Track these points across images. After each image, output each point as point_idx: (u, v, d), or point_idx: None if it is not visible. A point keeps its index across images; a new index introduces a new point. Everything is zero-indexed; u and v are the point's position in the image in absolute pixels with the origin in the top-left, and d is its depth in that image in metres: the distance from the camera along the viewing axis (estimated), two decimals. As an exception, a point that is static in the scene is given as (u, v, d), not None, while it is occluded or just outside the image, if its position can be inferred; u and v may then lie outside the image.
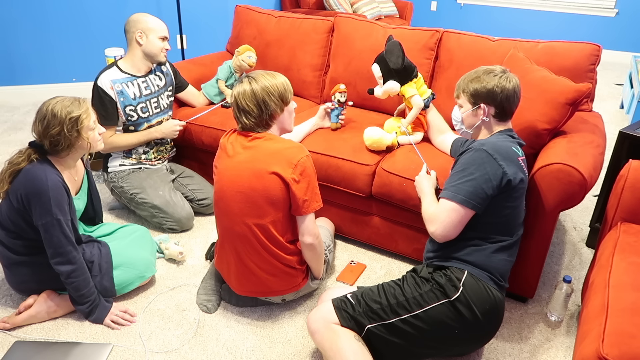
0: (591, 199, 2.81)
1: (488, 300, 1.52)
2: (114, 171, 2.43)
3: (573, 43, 2.17)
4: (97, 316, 1.81)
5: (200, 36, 4.56)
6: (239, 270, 1.81)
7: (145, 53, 2.33)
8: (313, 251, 1.80)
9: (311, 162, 1.72)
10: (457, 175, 1.59)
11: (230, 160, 1.73)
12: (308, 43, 2.78)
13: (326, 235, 2.10)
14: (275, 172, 1.66)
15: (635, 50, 5.93)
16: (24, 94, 4.10)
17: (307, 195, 1.70)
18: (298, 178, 1.67)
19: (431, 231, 1.62)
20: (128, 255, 1.93)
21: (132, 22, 2.29)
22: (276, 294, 1.86)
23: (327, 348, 1.52)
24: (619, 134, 2.21)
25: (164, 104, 2.48)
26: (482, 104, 1.66)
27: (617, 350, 1.21)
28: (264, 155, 1.68)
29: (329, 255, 2.05)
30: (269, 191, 1.68)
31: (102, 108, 2.27)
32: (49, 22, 3.98)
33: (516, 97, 1.67)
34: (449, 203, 1.57)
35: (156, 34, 2.31)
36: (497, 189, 1.54)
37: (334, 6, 4.94)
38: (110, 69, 2.31)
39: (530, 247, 1.84)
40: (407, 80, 2.14)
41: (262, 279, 1.80)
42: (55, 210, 1.65)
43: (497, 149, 1.56)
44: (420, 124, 2.26)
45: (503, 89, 1.63)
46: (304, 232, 1.75)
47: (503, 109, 1.66)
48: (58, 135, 1.66)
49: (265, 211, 1.70)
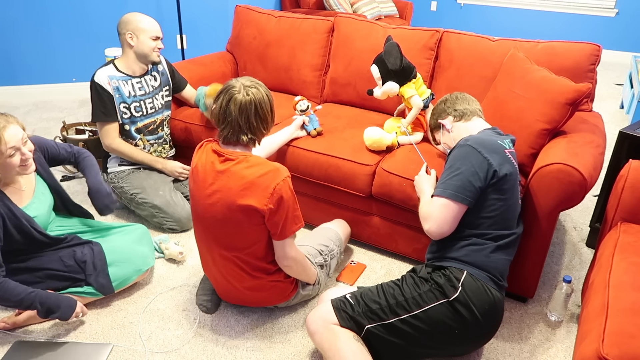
0: (591, 199, 2.81)
1: (487, 300, 1.52)
2: (113, 172, 2.43)
3: (573, 43, 2.17)
4: (62, 314, 1.70)
5: (200, 36, 4.56)
6: (223, 286, 1.80)
7: (137, 54, 2.31)
8: (291, 271, 1.75)
9: (289, 184, 1.59)
10: (446, 172, 1.63)
11: (202, 191, 1.64)
12: (308, 43, 2.78)
13: (332, 238, 2.03)
14: (249, 205, 1.56)
15: (635, 50, 5.92)
16: (24, 94, 4.10)
17: (286, 222, 1.61)
18: (275, 207, 1.56)
19: (426, 229, 1.63)
20: (123, 250, 1.93)
21: (123, 24, 2.28)
22: (266, 305, 1.85)
23: (327, 348, 1.52)
24: (619, 134, 2.21)
25: (159, 104, 2.47)
26: (439, 121, 1.86)
27: (617, 350, 1.21)
28: (237, 185, 1.57)
29: (330, 260, 1.98)
30: (244, 224, 1.60)
31: (101, 104, 2.28)
32: (49, 22, 3.98)
33: (456, 96, 1.86)
34: (439, 199, 1.59)
35: (147, 34, 2.28)
36: (484, 181, 1.56)
37: (334, 6, 4.94)
38: (107, 66, 2.31)
39: (530, 247, 1.84)
40: (406, 81, 2.15)
41: (249, 295, 1.79)
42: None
43: (480, 142, 1.60)
44: (420, 124, 2.26)
45: (443, 99, 1.87)
46: (279, 257, 1.68)
47: (455, 110, 1.81)
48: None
49: (242, 243, 1.65)
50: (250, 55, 2.97)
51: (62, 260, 1.80)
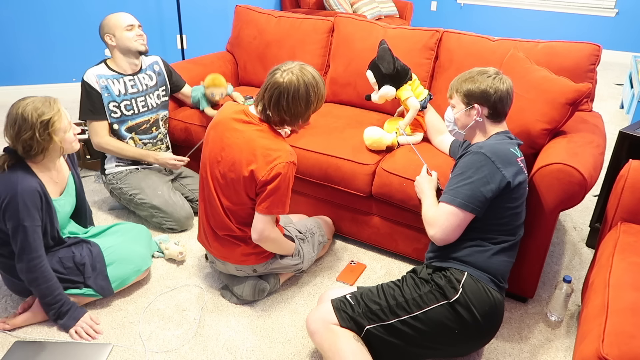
0: (591, 199, 2.81)
1: (488, 302, 1.52)
2: (111, 173, 2.42)
3: (573, 43, 2.17)
4: (64, 323, 1.77)
5: (200, 36, 4.56)
6: (209, 233, 1.88)
7: (122, 51, 2.31)
8: (263, 246, 1.81)
9: (291, 170, 1.68)
10: (456, 178, 1.59)
11: (217, 142, 1.75)
12: (308, 43, 2.78)
13: (309, 221, 2.13)
14: (251, 169, 1.66)
15: (635, 50, 5.93)
16: (23, 94, 4.10)
17: (272, 199, 1.69)
18: (268, 180, 1.66)
19: (431, 234, 1.62)
20: (122, 250, 1.93)
21: (100, 29, 2.30)
22: (243, 263, 1.87)
23: (327, 349, 1.52)
24: (619, 134, 2.21)
25: (152, 104, 2.46)
26: (475, 104, 1.66)
27: (617, 350, 1.21)
28: (247, 148, 1.67)
29: (309, 237, 2.05)
30: (241, 183, 1.70)
31: (89, 103, 2.28)
32: (48, 22, 3.98)
33: (509, 99, 1.66)
34: (447, 207, 1.57)
35: (121, 28, 2.27)
36: (495, 192, 1.53)
37: (334, 6, 4.94)
38: (98, 66, 2.32)
39: (530, 247, 1.84)
40: (402, 83, 2.15)
41: (228, 245, 1.85)
42: (22, 216, 1.62)
43: (495, 151, 1.55)
44: (420, 124, 2.26)
45: (497, 89, 1.63)
46: (253, 229, 1.76)
47: (496, 109, 1.65)
48: (30, 140, 1.61)
49: (237, 199, 1.74)
50: (250, 55, 2.97)
51: (61, 262, 1.80)
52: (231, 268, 1.91)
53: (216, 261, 1.94)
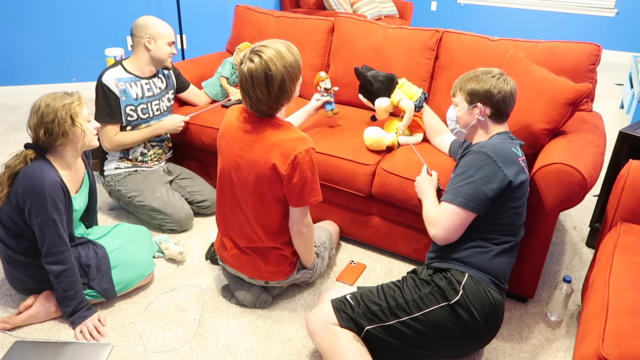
0: (591, 199, 2.81)
1: (488, 303, 1.52)
2: (110, 174, 2.42)
3: (573, 43, 2.17)
4: (74, 319, 1.78)
5: (200, 36, 4.56)
6: (228, 243, 1.86)
7: (152, 58, 2.33)
8: (301, 239, 1.81)
9: (311, 155, 1.66)
10: (457, 178, 1.59)
11: (232, 149, 1.73)
12: (308, 43, 2.78)
13: (323, 232, 2.11)
14: (273, 164, 1.64)
15: (635, 50, 5.93)
16: (24, 93, 4.10)
17: (303, 190, 1.67)
18: (292, 173, 1.64)
19: (432, 234, 1.62)
20: (127, 255, 1.93)
21: (141, 27, 2.28)
22: (259, 277, 1.86)
23: (327, 349, 1.52)
24: (619, 134, 2.21)
25: (164, 107, 2.48)
26: (478, 103, 1.66)
27: (617, 350, 1.21)
28: (264, 146, 1.65)
29: (323, 252, 2.04)
30: (266, 184, 1.68)
31: (106, 105, 2.27)
32: (48, 22, 3.98)
33: (512, 100, 1.67)
34: (449, 206, 1.57)
35: (165, 40, 2.30)
36: (497, 191, 1.53)
37: (334, 6, 4.94)
38: (115, 67, 2.31)
39: (530, 247, 1.84)
40: (392, 90, 2.19)
41: (247, 257, 1.83)
42: (50, 210, 1.65)
43: (496, 150, 1.56)
44: (418, 125, 2.26)
45: (500, 90, 1.64)
46: (293, 222, 1.76)
47: (499, 110, 1.66)
48: (52, 122, 1.67)
49: (262, 204, 1.72)
50: (250, 55, 2.97)
51: None
52: (244, 274, 1.91)
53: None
